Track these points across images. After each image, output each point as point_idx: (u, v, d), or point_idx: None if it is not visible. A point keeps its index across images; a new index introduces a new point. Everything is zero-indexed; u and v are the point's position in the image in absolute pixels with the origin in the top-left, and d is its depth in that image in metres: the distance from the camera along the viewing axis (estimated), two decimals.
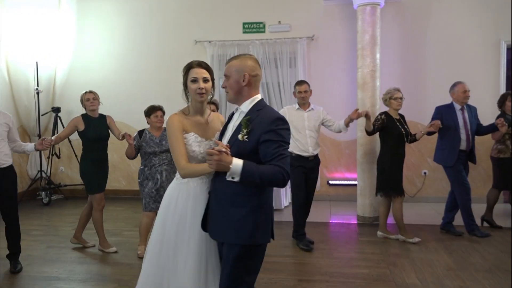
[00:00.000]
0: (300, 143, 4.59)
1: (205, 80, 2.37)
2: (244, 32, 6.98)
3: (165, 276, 2.28)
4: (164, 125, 4.59)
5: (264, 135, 2.06)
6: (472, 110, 5.05)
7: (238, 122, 2.20)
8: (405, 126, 4.92)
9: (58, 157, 7.24)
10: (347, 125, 4.67)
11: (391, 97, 4.83)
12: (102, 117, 4.65)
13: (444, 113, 4.94)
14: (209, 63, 6.71)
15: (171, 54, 7.16)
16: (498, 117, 5.08)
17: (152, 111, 4.39)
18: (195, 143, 2.33)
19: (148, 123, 4.45)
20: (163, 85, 7.18)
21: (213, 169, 2.03)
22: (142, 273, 2.41)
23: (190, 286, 2.23)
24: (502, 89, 6.36)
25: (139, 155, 4.45)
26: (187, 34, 7.10)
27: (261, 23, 6.95)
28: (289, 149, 2.66)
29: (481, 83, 6.36)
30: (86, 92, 4.59)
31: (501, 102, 5.27)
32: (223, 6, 7.03)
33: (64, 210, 6.58)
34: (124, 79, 7.30)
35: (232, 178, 2.01)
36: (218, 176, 2.18)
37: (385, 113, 4.86)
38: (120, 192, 7.45)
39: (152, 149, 4.33)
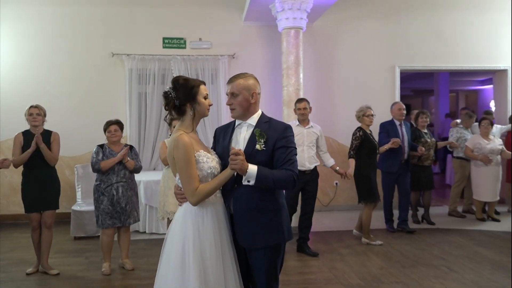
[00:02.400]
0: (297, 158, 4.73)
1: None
2: (164, 47, 6.91)
3: None
4: (125, 140, 4.45)
5: (279, 141, 2.28)
6: (407, 126, 5.83)
7: (248, 135, 2.34)
8: (375, 140, 5.38)
9: None
10: (334, 170, 5.10)
11: (363, 114, 5.30)
12: (47, 133, 4.29)
13: (389, 129, 5.65)
14: (127, 77, 6.67)
15: (84, 66, 6.76)
16: (412, 132, 6.00)
17: (107, 126, 4.37)
18: (209, 159, 2.29)
19: (106, 138, 4.42)
20: (74, 98, 6.72)
21: (235, 169, 2.14)
22: None
23: None
24: None
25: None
26: (103, 46, 6.77)
27: (181, 38, 6.95)
28: None
29: (380, 102, 7.19)
30: (30, 107, 4.25)
31: (415, 119, 6.18)
32: (142, 19, 6.87)
33: None
34: (27, 91, 6.59)
35: (248, 181, 2.18)
36: (238, 188, 2.28)
37: (360, 128, 5.29)
38: (23, 217, 6.66)
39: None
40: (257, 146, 2.26)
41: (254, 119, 2.37)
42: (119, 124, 4.45)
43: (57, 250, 5.07)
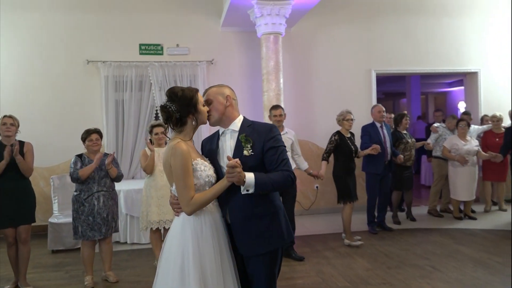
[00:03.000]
0: None
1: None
2: (141, 54, 6.79)
3: None
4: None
5: (267, 143, 2.26)
6: (387, 127, 5.94)
7: (233, 142, 2.32)
8: (354, 143, 5.47)
9: None
10: (308, 173, 5.26)
11: (343, 119, 5.41)
12: (20, 144, 4.09)
13: (370, 131, 5.75)
14: (103, 85, 6.54)
15: (59, 74, 6.56)
16: (393, 134, 6.12)
17: (87, 135, 4.24)
18: (206, 168, 2.26)
19: (85, 148, 4.28)
20: (49, 107, 6.52)
21: (233, 181, 2.11)
22: None
23: None
24: None
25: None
26: (78, 53, 6.59)
27: (158, 45, 6.86)
28: None
29: (358, 105, 7.31)
30: (4, 116, 4.07)
31: (398, 121, 6.29)
32: (118, 26, 6.74)
33: None
34: (4, 99, 6.32)
35: (247, 190, 2.15)
36: (232, 198, 2.25)
37: (338, 132, 5.40)
38: None
39: (92, 174, 4.16)
40: (245, 152, 2.23)
41: (236, 125, 2.35)
42: (99, 133, 4.35)
43: (35, 265, 4.88)
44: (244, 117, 2.42)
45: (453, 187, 6.51)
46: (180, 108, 2.23)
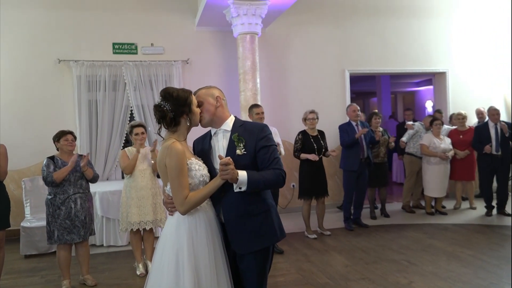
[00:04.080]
0: None
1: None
2: (114, 53, 6.67)
3: None
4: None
5: (259, 142, 2.30)
6: (363, 125, 6.06)
7: (225, 142, 2.35)
8: (321, 142, 5.59)
9: None
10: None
11: (305, 118, 5.64)
12: None
13: (347, 129, 5.91)
14: (75, 85, 6.40)
15: (28, 73, 6.37)
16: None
17: (62, 134, 4.16)
18: (200, 167, 2.28)
19: (57, 149, 4.14)
20: (19, 107, 6.32)
21: (227, 179, 2.13)
22: None
23: None
24: None
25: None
26: (49, 52, 6.41)
27: (133, 44, 6.76)
28: None
29: (332, 105, 7.45)
30: None
31: (369, 120, 6.48)
32: (91, 24, 6.59)
33: None
34: None
35: (240, 188, 2.18)
36: (225, 197, 2.28)
37: (303, 132, 5.61)
38: None
39: (67, 177, 4.06)
40: (237, 151, 2.26)
41: (228, 125, 2.38)
42: (73, 134, 4.26)
43: (8, 271, 4.71)
44: (235, 117, 2.45)
45: (427, 183, 6.70)
46: (175, 107, 2.24)
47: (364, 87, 14.44)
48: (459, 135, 6.91)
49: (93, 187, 5.62)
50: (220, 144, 2.37)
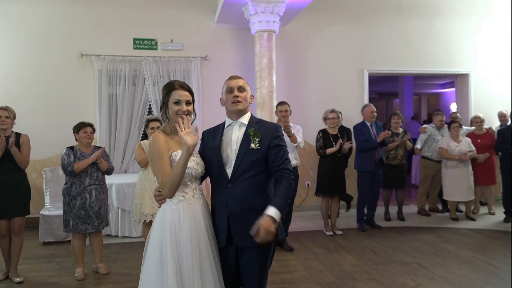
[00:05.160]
0: None
1: (188, 103, 2.37)
2: (135, 48, 6.81)
3: None
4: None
5: (274, 140, 2.38)
6: (379, 126, 6.04)
7: (241, 134, 2.40)
8: (341, 141, 5.59)
9: None
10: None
11: (325, 118, 5.70)
12: (16, 136, 4.13)
13: (362, 129, 5.89)
14: (96, 79, 6.55)
15: (52, 67, 6.57)
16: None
17: (81, 126, 4.29)
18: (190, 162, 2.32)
19: (76, 140, 4.29)
20: (42, 100, 6.53)
21: (267, 240, 2.19)
22: None
23: None
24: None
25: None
26: (72, 46, 6.60)
27: (153, 40, 6.88)
28: None
29: (350, 105, 7.40)
30: (0, 109, 4.03)
31: (389, 120, 6.47)
32: (112, 20, 6.75)
33: None
34: None
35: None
36: (232, 189, 2.34)
37: (323, 130, 5.69)
38: None
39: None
40: (252, 145, 2.33)
41: (245, 119, 2.44)
42: (92, 127, 4.40)
43: (26, 256, 4.90)
44: (252, 113, 2.52)
45: (446, 188, 6.53)
46: (162, 100, 2.41)
47: (387, 87, 14.25)
48: (476, 139, 6.72)
49: (110, 179, 5.79)
50: (234, 136, 2.41)
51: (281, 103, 5.27)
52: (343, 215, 6.80)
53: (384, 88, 14.41)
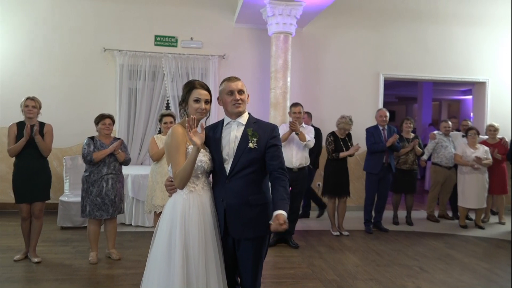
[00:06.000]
0: (286, 156, 4.94)
1: (207, 102, 2.55)
2: (156, 45, 7.03)
3: (193, 282, 2.37)
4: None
5: (270, 140, 2.51)
6: (392, 130, 6.16)
7: (239, 133, 2.53)
8: (349, 144, 5.81)
9: None
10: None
11: (337, 124, 5.84)
12: (40, 125, 4.40)
13: (374, 133, 6.04)
14: (118, 73, 6.78)
15: (76, 60, 6.85)
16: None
17: (101, 118, 4.52)
18: (201, 154, 2.48)
19: (97, 131, 4.55)
20: (66, 91, 6.82)
21: (283, 230, 2.34)
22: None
23: (224, 285, 2.47)
24: None
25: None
26: (96, 41, 6.87)
27: (173, 37, 7.09)
28: None
29: (364, 108, 7.47)
30: (27, 98, 4.37)
31: (401, 125, 6.56)
32: (135, 16, 6.99)
33: None
34: (19, 83, 6.63)
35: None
36: (230, 184, 2.49)
37: (332, 133, 5.83)
38: (8, 206, 6.73)
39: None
40: (250, 145, 2.46)
41: (244, 119, 2.57)
42: (112, 118, 4.62)
43: (45, 239, 5.16)
44: (249, 113, 2.63)
45: (461, 194, 6.53)
46: (182, 96, 2.58)
47: (406, 92, 14.16)
48: (489, 147, 6.68)
49: (127, 170, 6.02)
50: (232, 135, 2.54)
51: (295, 105, 5.37)
52: (349, 217, 6.84)
53: (403, 92, 14.32)
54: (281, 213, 2.35)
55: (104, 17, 6.93)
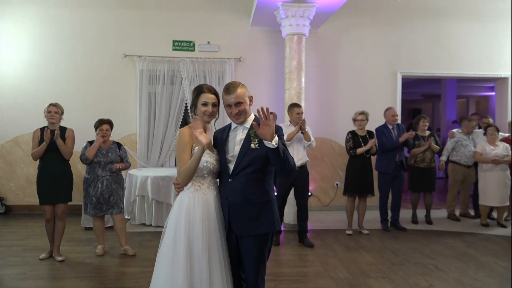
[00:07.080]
0: None
1: (214, 105, 2.68)
2: (174, 49, 7.23)
3: (196, 277, 2.50)
4: (114, 138, 4.83)
5: None
6: (401, 128, 6.16)
7: (244, 135, 2.64)
8: (373, 140, 5.80)
9: None
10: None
11: (354, 119, 5.90)
12: (62, 130, 4.66)
13: (385, 132, 6.03)
14: (138, 78, 7.01)
15: (98, 66, 7.12)
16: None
17: (99, 124, 4.79)
18: (207, 154, 2.62)
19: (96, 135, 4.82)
20: (89, 97, 7.09)
21: (267, 130, 2.35)
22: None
23: (227, 280, 2.58)
24: (398, 112, 7.50)
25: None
26: (116, 47, 7.12)
27: (191, 42, 7.27)
28: None
29: (382, 107, 7.38)
30: (50, 105, 4.65)
31: (415, 124, 6.51)
32: (153, 22, 7.20)
33: None
34: (45, 90, 6.96)
35: (270, 143, 2.39)
36: (233, 183, 2.60)
37: (352, 131, 5.88)
38: (37, 207, 7.04)
39: (98, 159, 4.74)
40: (252, 145, 2.56)
41: (248, 123, 2.65)
42: (110, 123, 4.85)
43: (68, 239, 5.41)
44: (255, 115, 2.67)
45: (482, 192, 6.42)
46: (192, 100, 2.75)
47: (431, 89, 13.92)
48: (510, 145, 6.54)
49: (146, 172, 6.24)
50: (238, 137, 2.66)
51: (297, 106, 5.49)
52: (365, 217, 6.84)
53: (429, 90, 14.08)
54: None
55: (124, 24, 7.18)
